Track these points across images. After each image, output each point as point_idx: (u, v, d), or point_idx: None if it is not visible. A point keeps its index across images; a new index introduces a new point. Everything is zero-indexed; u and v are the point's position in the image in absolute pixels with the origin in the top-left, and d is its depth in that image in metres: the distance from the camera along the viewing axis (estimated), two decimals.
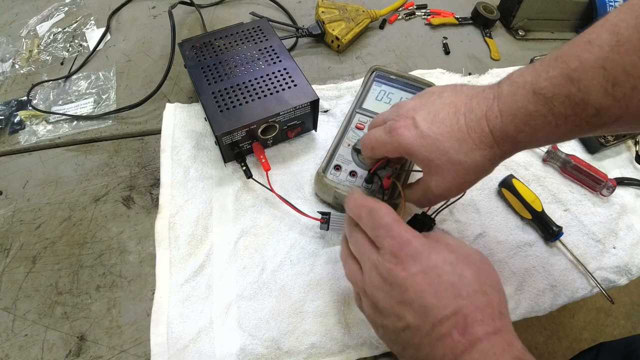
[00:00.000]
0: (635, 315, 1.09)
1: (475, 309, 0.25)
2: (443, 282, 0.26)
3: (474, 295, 0.26)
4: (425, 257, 0.27)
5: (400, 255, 0.28)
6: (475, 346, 0.24)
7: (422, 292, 0.26)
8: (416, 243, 0.28)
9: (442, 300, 0.26)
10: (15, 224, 0.45)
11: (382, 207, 0.31)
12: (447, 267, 0.27)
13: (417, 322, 0.26)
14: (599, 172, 0.49)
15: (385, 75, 0.53)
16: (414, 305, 0.27)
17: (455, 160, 0.31)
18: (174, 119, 0.52)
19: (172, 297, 0.40)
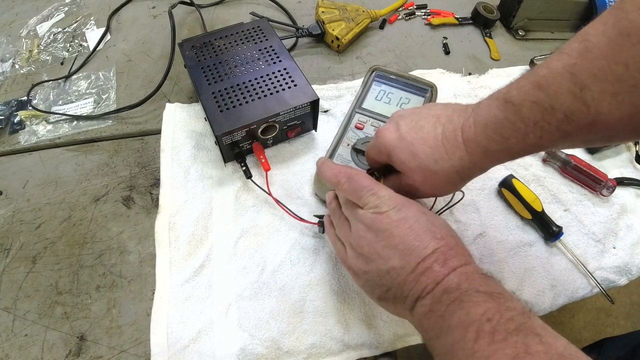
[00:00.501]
0: (635, 315, 1.09)
1: (449, 248, 0.30)
2: (422, 227, 0.31)
3: (447, 237, 0.31)
4: (405, 207, 0.32)
5: (382, 207, 0.32)
6: (452, 272, 0.29)
7: (405, 236, 0.31)
8: (395, 198, 0.33)
9: (424, 241, 0.30)
10: (15, 224, 0.45)
11: (359, 172, 0.36)
12: (422, 216, 0.32)
13: (402, 263, 0.30)
14: (599, 172, 0.49)
15: (385, 75, 0.53)
16: (399, 247, 0.31)
17: (424, 165, 0.33)
18: (174, 119, 0.52)
19: (172, 297, 0.40)
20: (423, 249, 0.30)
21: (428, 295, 0.29)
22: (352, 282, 0.42)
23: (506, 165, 0.51)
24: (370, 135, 0.48)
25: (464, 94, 0.58)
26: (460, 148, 0.31)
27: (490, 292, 0.28)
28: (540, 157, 0.53)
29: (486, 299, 0.27)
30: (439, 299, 0.29)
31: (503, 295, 0.28)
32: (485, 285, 0.28)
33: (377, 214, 0.32)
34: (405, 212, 0.32)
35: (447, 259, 0.30)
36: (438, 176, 0.33)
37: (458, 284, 0.29)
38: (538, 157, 0.53)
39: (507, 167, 0.51)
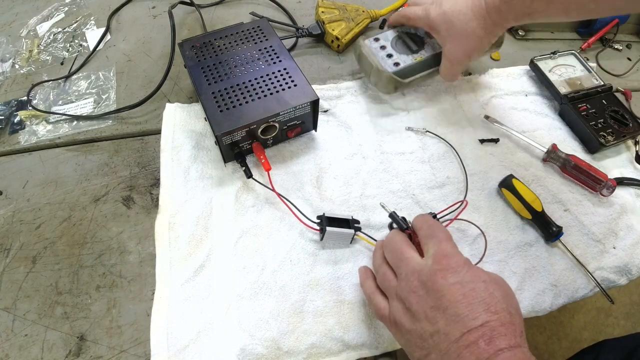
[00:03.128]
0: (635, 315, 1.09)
1: (501, 324, 0.28)
2: (476, 296, 0.29)
3: (502, 312, 0.29)
4: (464, 271, 0.31)
5: (443, 263, 0.31)
6: (498, 355, 0.27)
7: (456, 302, 0.29)
8: (458, 258, 0.32)
9: (474, 312, 0.29)
10: (15, 224, 0.45)
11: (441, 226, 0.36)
12: (481, 284, 0.30)
13: (448, 329, 0.29)
14: (599, 172, 0.49)
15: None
16: (447, 312, 0.29)
17: (458, 29, 0.46)
18: (174, 119, 0.52)
19: (172, 297, 0.40)
20: (472, 319, 0.28)
21: None
22: (351, 282, 0.42)
23: (506, 165, 0.52)
24: None
25: (464, 94, 0.58)
26: (482, 9, 0.44)
27: None
28: (540, 157, 0.53)
29: None
30: None
31: None
32: None
33: (435, 269, 0.31)
34: (463, 276, 0.31)
35: (495, 337, 0.28)
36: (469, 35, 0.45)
37: None
38: (538, 157, 0.53)
39: (507, 167, 0.51)
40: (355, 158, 0.51)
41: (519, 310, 0.31)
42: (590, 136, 0.53)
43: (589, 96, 0.57)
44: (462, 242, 0.45)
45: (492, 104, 0.58)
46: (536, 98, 0.59)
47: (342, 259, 0.44)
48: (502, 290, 0.31)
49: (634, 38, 0.74)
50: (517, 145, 0.54)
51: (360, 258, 0.44)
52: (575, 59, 0.62)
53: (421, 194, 0.48)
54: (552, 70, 0.60)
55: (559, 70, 0.60)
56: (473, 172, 0.50)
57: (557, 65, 0.61)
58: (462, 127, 0.55)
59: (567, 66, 0.61)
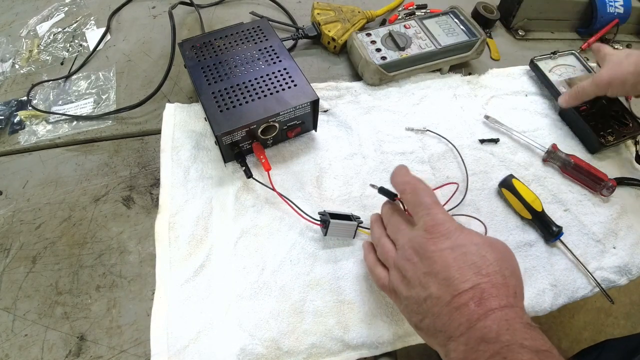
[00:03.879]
0: (635, 315, 1.09)
1: (492, 286, 0.28)
2: (467, 260, 0.30)
3: (493, 274, 0.29)
4: (455, 236, 0.31)
5: (433, 232, 0.32)
6: (488, 315, 0.27)
7: (447, 266, 0.30)
8: (449, 224, 0.32)
9: (464, 275, 0.29)
10: (15, 224, 0.45)
11: (425, 187, 0.35)
12: (473, 247, 0.30)
13: (439, 293, 0.29)
14: (599, 172, 0.49)
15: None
16: (438, 276, 0.30)
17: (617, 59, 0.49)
18: (174, 119, 0.52)
19: (172, 297, 0.40)
20: (462, 282, 0.29)
21: (461, 337, 0.27)
22: (351, 282, 0.42)
23: (506, 165, 0.52)
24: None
25: (464, 94, 0.58)
26: None
27: (537, 348, 0.25)
28: (540, 157, 0.53)
29: (532, 358, 0.25)
30: (475, 347, 0.26)
31: (552, 354, 0.26)
32: (531, 339, 0.26)
33: (427, 238, 0.31)
34: (455, 240, 0.31)
35: (485, 298, 0.28)
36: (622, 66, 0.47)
37: (498, 333, 0.26)
38: (538, 157, 0.53)
39: (507, 167, 0.51)
40: (355, 158, 0.51)
41: (516, 273, 0.31)
42: (591, 136, 0.53)
43: None
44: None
45: (492, 104, 0.58)
46: (536, 98, 0.59)
47: (342, 258, 0.44)
48: (497, 252, 0.31)
49: (634, 38, 0.74)
50: (517, 145, 0.54)
51: (360, 258, 0.44)
52: (575, 59, 0.62)
53: None
54: (552, 70, 0.60)
55: (559, 70, 0.60)
56: (473, 172, 0.50)
57: (557, 65, 0.61)
58: (462, 127, 0.55)
59: (567, 66, 0.61)
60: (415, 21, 0.61)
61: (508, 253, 0.32)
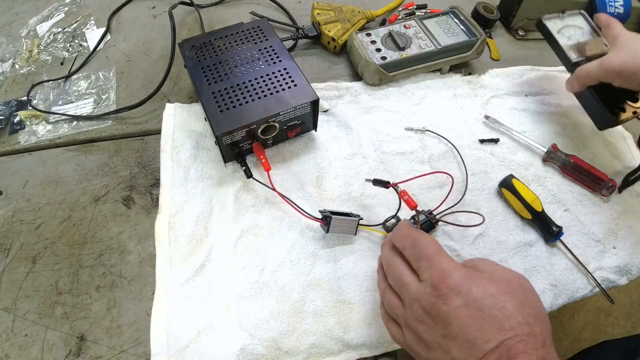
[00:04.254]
0: (635, 315, 1.09)
1: (519, 340, 0.26)
2: (486, 316, 0.27)
3: (517, 327, 0.26)
4: (466, 289, 0.28)
5: (441, 288, 0.28)
6: None
7: (465, 327, 0.27)
8: (457, 275, 0.29)
9: (486, 334, 0.26)
10: (15, 224, 0.45)
11: (425, 238, 0.32)
12: (489, 299, 0.27)
13: (463, 356, 0.27)
14: (599, 172, 0.49)
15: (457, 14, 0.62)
16: (458, 339, 0.27)
17: (632, 46, 0.43)
18: (174, 119, 0.52)
19: (172, 297, 0.40)
20: (485, 342, 0.26)
21: None
22: (351, 282, 0.42)
23: (506, 165, 0.52)
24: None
25: (464, 94, 0.58)
26: None
27: None
28: (540, 157, 0.53)
29: None
30: None
31: None
32: None
33: (435, 296, 0.29)
34: (467, 295, 0.28)
35: (513, 357, 0.25)
36: (637, 57, 0.41)
37: None
38: (538, 157, 0.53)
39: (507, 167, 0.51)
40: (355, 158, 0.51)
41: (540, 314, 0.28)
42: (601, 111, 0.50)
43: None
44: (463, 241, 0.45)
45: (492, 104, 0.58)
46: (536, 98, 0.59)
47: (343, 258, 0.44)
48: (515, 297, 0.28)
49: None
50: (517, 145, 0.54)
51: (360, 258, 0.44)
52: (583, 20, 0.55)
53: (421, 194, 0.48)
54: (560, 32, 0.54)
55: (568, 32, 0.54)
56: (473, 172, 0.50)
57: (565, 26, 0.54)
58: (462, 127, 0.55)
59: (575, 27, 0.54)
60: (415, 21, 0.61)
61: (528, 291, 0.30)
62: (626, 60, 0.43)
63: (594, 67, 0.45)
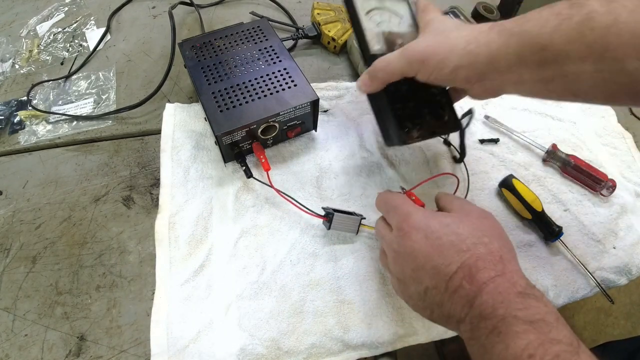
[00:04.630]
0: (635, 315, 1.09)
1: (477, 259, 0.29)
2: (444, 243, 0.30)
3: (474, 247, 0.29)
4: (425, 224, 0.31)
5: (404, 227, 0.32)
6: (483, 290, 0.27)
7: (429, 255, 0.30)
8: (416, 214, 0.32)
9: (447, 258, 0.29)
10: (15, 224, 0.45)
11: (394, 195, 0.37)
12: (445, 228, 0.31)
13: (433, 282, 0.30)
14: (599, 172, 0.49)
15: None
16: (426, 268, 0.30)
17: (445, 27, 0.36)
18: (174, 119, 0.52)
19: (172, 297, 0.40)
20: (448, 265, 0.29)
21: (466, 318, 0.28)
22: (351, 282, 0.42)
23: (506, 165, 0.51)
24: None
25: None
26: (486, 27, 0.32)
27: (531, 318, 0.25)
28: (540, 157, 0.53)
29: (527, 329, 0.25)
30: (477, 325, 0.27)
31: (546, 322, 0.26)
32: (524, 309, 0.26)
33: (400, 236, 0.32)
34: (426, 229, 0.31)
35: (474, 273, 0.28)
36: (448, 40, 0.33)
37: (493, 307, 0.26)
38: (538, 157, 0.53)
39: (507, 167, 0.51)
40: (355, 158, 0.51)
41: (496, 235, 0.31)
42: (392, 127, 0.41)
43: None
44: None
45: (492, 104, 0.58)
46: None
47: (343, 258, 0.44)
48: (470, 224, 0.31)
49: None
50: (517, 145, 0.54)
51: (360, 258, 0.44)
52: (407, 7, 0.43)
53: (424, 195, 0.48)
54: (370, 14, 0.41)
55: (380, 17, 0.42)
56: (473, 172, 0.50)
57: (379, 8, 0.42)
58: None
59: (393, 14, 0.43)
60: None
61: (485, 219, 0.33)
62: (432, 44, 0.34)
63: (394, 56, 0.36)
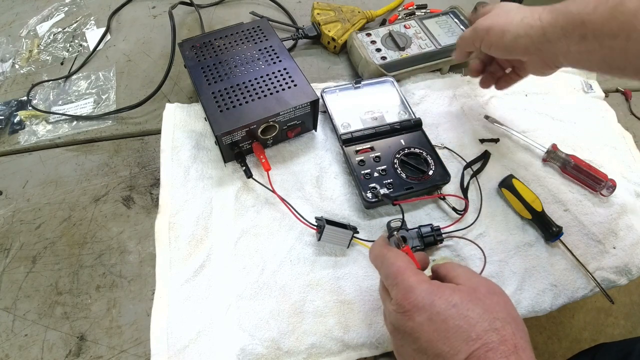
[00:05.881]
0: (635, 315, 1.09)
1: (488, 349, 0.25)
2: (450, 328, 0.27)
3: (485, 335, 0.26)
4: (429, 304, 0.28)
5: (405, 305, 0.28)
6: None
7: (432, 341, 0.27)
8: (419, 291, 0.29)
9: (454, 346, 0.26)
10: (15, 224, 0.45)
11: (392, 256, 0.32)
12: (452, 310, 0.27)
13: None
14: (599, 172, 0.49)
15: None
16: (428, 353, 0.27)
17: (508, 7, 0.41)
18: (174, 119, 0.52)
19: (172, 297, 0.40)
20: (454, 355, 0.26)
21: None
22: (351, 283, 0.42)
23: (506, 165, 0.51)
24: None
25: (463, 94, 0.58)
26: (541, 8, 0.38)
27: None
28: (540, 157, 0.53)
29: None
30: None
31: None
32: None
33: (401, 314, 0.29)
34: (430, 309, 0.27)
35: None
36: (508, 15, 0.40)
37: None
38: (538, 157, 0.53)
39: (507, 167, 0.51)
40: None
41: (509, 317, 0.28)
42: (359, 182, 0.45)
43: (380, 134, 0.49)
44: (463, 242, 0.45)
45: (492, 104, 0.58)
46: (536, 98, 0.59)
47: (342, 259, 0.44)
48: (480, 304, 0.28)
49: None
50: (517, 145, 0.54)
51: (360, 258, 0.44)
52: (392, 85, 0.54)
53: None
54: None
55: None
56: None
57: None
58: (462, 127, 0.55)
59: None
60: (415, 21, 0.61)
61: (495, 295, 0.29)
62: (495, 18, 0.41)
63: (468, 30, 0.45)
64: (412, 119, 0.51)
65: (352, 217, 0.46)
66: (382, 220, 0.46)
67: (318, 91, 0.51)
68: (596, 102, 0.60)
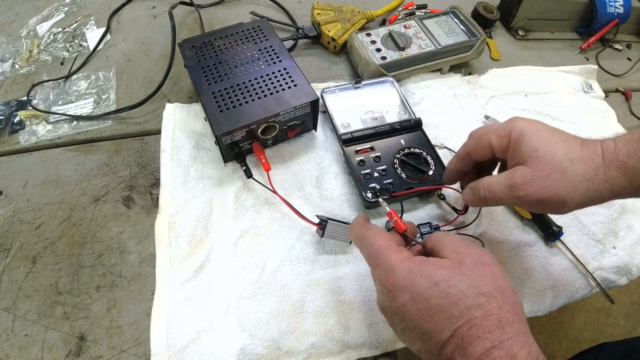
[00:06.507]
0: (635, 315, 1.09)
1: (471, 326, 0.25)
2: (432, 307, 0.26)
3: (467, 312, 0.25)
4: (410, 283, 0.27)
5: (387, 285, 0.28)
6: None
7: (417, 320, 0.27)
8: (399, 270, 0.28)
9: (438, 324, 0.26)
10: (15, 224, 0.45)
11: (371, 235, 0.31)
12: (433, 289, 0.26)
13: (425, 347, 0.27)
14: None
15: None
16: (415, 332, 0.27)
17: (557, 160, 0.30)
18: (174, 119, 0.52)
19: (172, 297, 0.40)
20: (439, 333, 0.26)
21: None
22: (351, 282, 0.42)
23: None
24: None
25: (464, 94, 0.58)
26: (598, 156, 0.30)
27: None
28: None
29: None
30: None
31: None
32: None
33: (384, 294, 0.28)
34: (413, 287, 0.27)
35: (467, 345, 0.25)
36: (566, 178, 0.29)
37: None
38: None
39: None
40: None
41: (496, 290, 0.26)
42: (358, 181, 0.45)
43: (380, 135, 0.49)
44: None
45: (492, 104, 0.58)
46: (536, 98, 0.59)
47: (342, 259, 0.44)
48: (464, 279, 0.26)
49: (634, 38, 0.74)
50: None
51: (360, 258, 0.44)
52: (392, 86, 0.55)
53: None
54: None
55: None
56: None
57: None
58: (462, 127, 0.55)
59: None
60: (415, 21, 0.61)
61: (481, 267, 0.28)
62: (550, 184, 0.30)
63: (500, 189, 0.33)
64: (412, 119, 0.51)
65: (352, 217, 0.46)
66: (382, 220, 0.46)
67: (318, 91, 0.51)
68: (596, 102, 0.60)
